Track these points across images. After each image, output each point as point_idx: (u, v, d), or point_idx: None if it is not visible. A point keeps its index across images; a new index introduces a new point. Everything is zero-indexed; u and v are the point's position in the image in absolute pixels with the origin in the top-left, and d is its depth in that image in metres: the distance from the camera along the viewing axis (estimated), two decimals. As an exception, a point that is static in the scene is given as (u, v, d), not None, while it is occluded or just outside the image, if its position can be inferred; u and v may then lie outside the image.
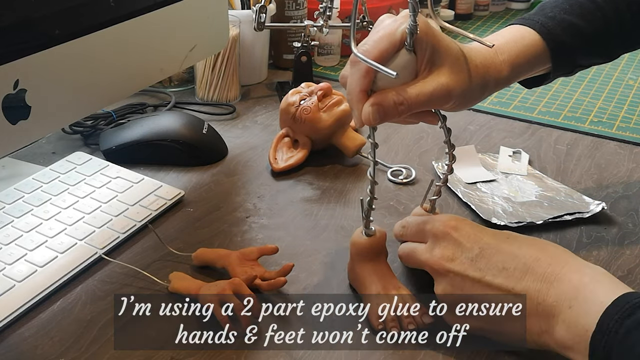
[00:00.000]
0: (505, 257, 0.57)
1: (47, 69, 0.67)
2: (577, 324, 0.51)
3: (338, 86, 1.13)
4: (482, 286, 0.57)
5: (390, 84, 0.58)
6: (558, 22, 0.68)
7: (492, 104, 1.09)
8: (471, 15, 1.55)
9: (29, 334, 0.60)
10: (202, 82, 1.06)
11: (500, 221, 0.76)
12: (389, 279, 0.64)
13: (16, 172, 0.81)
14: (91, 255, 0.69)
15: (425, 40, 0.57)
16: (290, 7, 1.17)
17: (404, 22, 0.57)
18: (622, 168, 0.91)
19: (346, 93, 0.60)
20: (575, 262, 0.56)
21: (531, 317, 0.55)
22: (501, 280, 0.56)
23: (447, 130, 0.64)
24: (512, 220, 0.76)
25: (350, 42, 0.57)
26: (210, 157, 0.89)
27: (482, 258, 0.58)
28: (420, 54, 0.58)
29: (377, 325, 0.61)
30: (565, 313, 0.52)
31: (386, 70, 0.54)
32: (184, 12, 0.85)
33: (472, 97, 0.63)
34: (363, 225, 0.65)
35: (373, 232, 0.65)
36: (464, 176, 0.85)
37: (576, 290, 0.53)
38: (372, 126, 0.59)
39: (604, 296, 0.51)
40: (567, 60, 0.69)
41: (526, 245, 0.58)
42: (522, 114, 1.06)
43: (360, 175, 0.87)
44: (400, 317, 0.61)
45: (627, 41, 0.73)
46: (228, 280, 0.62)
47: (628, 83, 1.20)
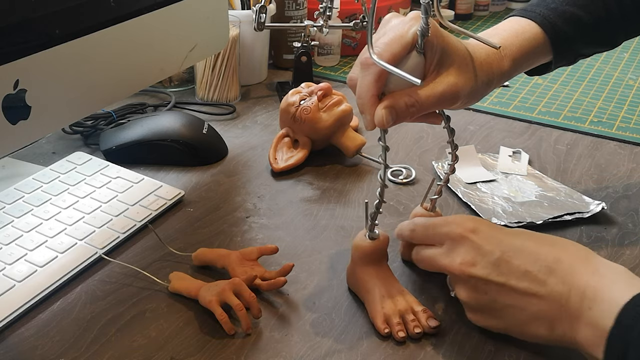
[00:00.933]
0: (527, 259, 0.57)
1: (47, 69, 0.67)
2: (598, 325, 0.51)
3: (338, 86, 1.14)
4: (507, 290, 0.57)
5: (399, 86, 0.58)
6: (559, 13, 0.68)
7: (492, 104, 1.09)
8: (471, 15, 1.55)
9: (28, 334, 0.60)
10: (202, 82, 1.06)
11: (500, 221, 0.76)
12: (392, 283, 0.64)
13: (16, 172, 0.82)
14: (91, 255, 0.69)
15: (435, 43, 0.58)
16: (290, 7, 1.17)
17: (413, 24, 0.57)
18: (622, 168, 0.91)
19: (356, 96, 0.59)
20: (595, 262, 0.56)
21: (555, 320, 0.55)
22: (526, 285, 0.56)
23: (450, 131, 0.64)
24: (512, 220, 0.76)
25: (369, 48, 0.57)
26: (210, 157, 0.89)
27: (504, 261, 0.57)
28: (430, 56, 0.58)
29: (383, 329, 0.60)
30: (586, 315, 0.53)
31: (410, 77, 0.54)
32: (184, 12, 0.85)
33: (478, 93, 0.63)
34: (367, 228, 0.64)
35: (377, 235, 0.64)
36: (463, 176, 0.85)
37: (594, 291, 0.53)
38: (383, 129, 0.59)
39: (621, 296, 0.51)
40: (568, 50, 0.70)
41: (547, 245, 0.58)
42: (522, 114, 1.06)
43: (361, 175, 0.87)
44: (406, 321, 0.61)
45: (629, 27, 0.73)
46: (228, 280, 0.62)
47: (628, 83, 1.20)
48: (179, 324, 0.62)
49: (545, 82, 1.19)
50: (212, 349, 0.59)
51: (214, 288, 0.62)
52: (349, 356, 0.59)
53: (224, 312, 0.60)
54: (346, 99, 0.90)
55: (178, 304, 0.64)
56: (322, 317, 0.63)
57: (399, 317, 0.61)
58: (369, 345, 0.60)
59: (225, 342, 0.60)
